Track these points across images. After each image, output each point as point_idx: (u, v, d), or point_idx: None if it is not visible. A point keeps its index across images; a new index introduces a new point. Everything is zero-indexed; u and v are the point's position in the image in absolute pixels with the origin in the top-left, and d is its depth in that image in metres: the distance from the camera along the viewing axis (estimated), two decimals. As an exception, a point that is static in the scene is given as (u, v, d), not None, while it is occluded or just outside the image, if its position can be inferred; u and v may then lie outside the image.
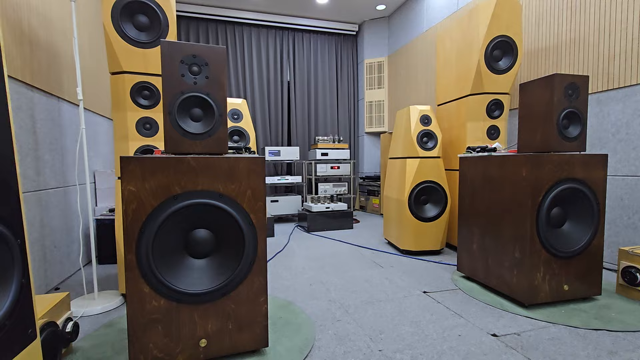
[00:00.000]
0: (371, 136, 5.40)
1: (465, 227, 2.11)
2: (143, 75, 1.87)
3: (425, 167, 2.66)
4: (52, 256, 2.06)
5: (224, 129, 1.23)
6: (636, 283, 1.75)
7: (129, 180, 1.11)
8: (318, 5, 4.69)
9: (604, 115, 2.28)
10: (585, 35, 2.36)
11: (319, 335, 1.48)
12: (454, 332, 1.48)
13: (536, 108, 1.72)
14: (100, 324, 1.62)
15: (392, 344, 1.40)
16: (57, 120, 2.17)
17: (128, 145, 1.89)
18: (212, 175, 1.20)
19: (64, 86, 2.27)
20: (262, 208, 1.27)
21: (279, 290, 2.02)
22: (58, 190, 2.15)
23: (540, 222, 1.65)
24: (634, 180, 2.13)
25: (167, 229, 1.17)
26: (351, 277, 2.23)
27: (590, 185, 1.72)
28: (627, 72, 2.14)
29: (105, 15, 1.74)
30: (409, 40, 4.58)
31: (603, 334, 1.45)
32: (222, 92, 1.22)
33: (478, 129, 2.64)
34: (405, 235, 2.70)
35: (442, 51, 2.99)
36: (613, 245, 2.25)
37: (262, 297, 1.29)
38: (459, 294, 1.92)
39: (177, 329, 1.20)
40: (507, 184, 1.78)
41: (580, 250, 1.72)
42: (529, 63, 2.80)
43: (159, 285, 1.16)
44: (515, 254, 1.73)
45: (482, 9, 2.49)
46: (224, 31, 4.84)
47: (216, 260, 1.25)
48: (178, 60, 1.15)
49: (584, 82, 1.69)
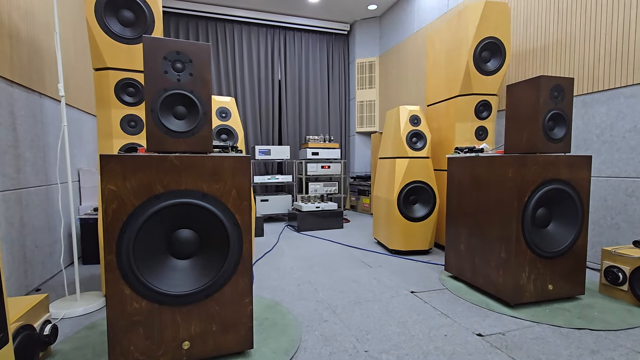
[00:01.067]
0: (362, 136, 5.41)
1: (453, 227, 2.12)
2: (128, 71, 1.83)
3: (414, 167, 2.67)
4: (33, 256, 2.01)
5: (208, 127, 1.21)
6: (618, 282, 1.78)
7: (109, 179, 1.09)
8: (310, 4, 4.67)
9: (589, 117, 2.32)
10: (572, 38, 2.39)
11: (305, 336, 1.47)
12: (440, 332, 1.49)
13: (522, 109, 1.74)
14: (81, 326, 1.58)
15: (379, 345, 1.39)
16: (39, 116, 2.12)
17: (112, 143, 1.85)
18: (196, 174, 1.18)
19: (46, 82, 2.21)
20: (247, 208, 1.25)
21: (267, 290, 2.00)
22: (40, 189, 2.09)
23: (526, 223, 1.66)
24: (617, 181, 2.16)
25: (149, 229, 1.14)
26: (340, 277, 2.22)
27: (574, 186, 1.75)
28: (611, 75, 2.18)
29: (88, 9, 1.70)
30: (400, 41, 4.60)
31: (585, 333, 1.47)
32: (206, 90, 1.19)
33: (467, 129, 2.66)
34: (394, 235, 2.71)
35: (432, 52, 3.00)
36: (597, 245, 2.29)
37: (247, 299, 1.27)
38: (446, 294, 1.92)
39: (159, 331, 1.17)
40: (494, 184, 1.79)
41: (565, 250, 1.74)
42: (517, 65, 2.83)
43: (140, 286, 1.13)
44: (501, 254, 1.74)
45: (471, 10, 2.50)
46: (215, 28, 4.79)
47: (200, 261, 1.23)
48: (161, 57, 1.13)
49: (569, 84, 1.71)
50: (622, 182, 2.13)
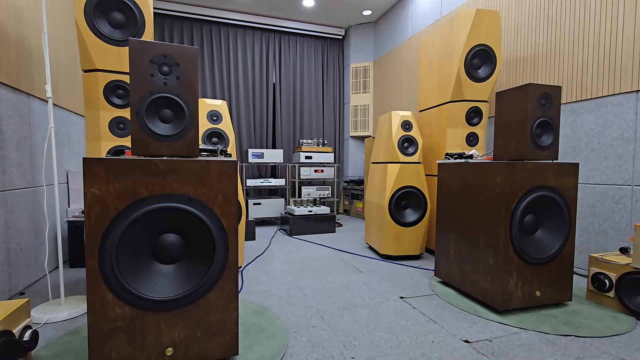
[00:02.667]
0: (356, 140, 5.42)
1: (443, 232, 2.13)
2: (117, 73, 1.81)
3: (405, 172, 2.68)
4: (18, 259, 1.97)
5: (195, 131, 1.20)
6: (605, 289, 1.79)
7: (92, 183, 1.07)
8: (305, 8, 4.69)
9: (577, 125, 2.35)
10: (561, 47, 2.43)
11: (292, 342, 1.46)
12: (428, 339, 1.49)
13: (511, 117, 1.76)
14: (64, 331, 1.55)
15: (365, 351, 1.38)
16: (27, 117, 2.09)
17: (100, 145, 1.83)
18: (182, 178, 1.17)
19: (35, 83, 2.19)
20: (234, 212, 1.24)
21: (256, 295, 1.99)
22: (26, 191, 2.06)
23: (514, 229, 1.67)
24: (604, 188, 2.19)
25: (133, 234, 1.13)
26: (329, 282, 2.21)
27: (561, 193, 1.76)
28: (599, 84, 2.21)
29: (77, 10, 1.68)
30: (394, 46, 4.63)
31: (571, 339, 1.48)
32: (193, 94, 1.19)
33: (458, 135, 2.68)
34: (385, 240, 2.71)
35: (425, 58, 3.02)
36: (585, 252, 2.31)
37: (233, 304, 1.26)
38: (435, 300, 1.92)
39: (142, 337, 1.16)
40: (482, 190, 1.80)
41: (552, 257, 1.75)
42: (507, 72, 2.86)
43: (123, 292, 1.12)
44: (490, 260, 1.75)
45: (463, 17, 2.53)
46: (210, 31, 4.78)
47: (185, 266, 1.22)
48: (147, 60, 1.12)
49: (556, 92, 1.73)
50: (610, 190, 2.16)
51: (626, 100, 2.07)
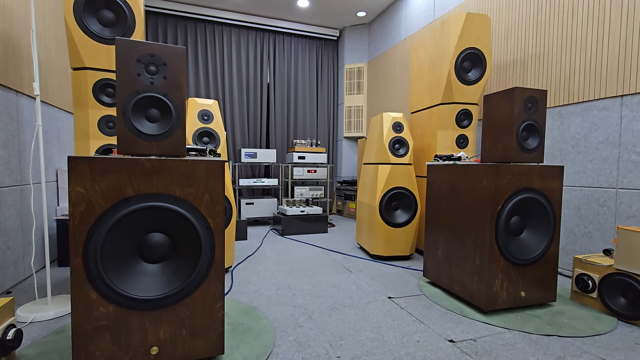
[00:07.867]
0: (350, 141, 5.44)
1: (431, 233, 2.15)
2: (107, 72, 1.81)
3: (396, 173, 2.70)
4: (5, 258, 1.95)
5: (182, 131, 1.21)
6: (588, 290, 1.83)
7: (77, 181, 1.07)
8: (299, 9, 4.70)
9: (564, 128, 2.39)
10: (549, 51, 2.46)
11: (279, 341, 1.47)
12: (413, 338, 1.50)
13: (498, 120, 1.78)
14: (50, 330, 1.54)
15: (351, 351, 1.40)
16: (15, 115, 2.07)
17: (89, 144, 1.82)
18: (168, 177, 1.17)
19: (24, 80, 2.17)
20: (221, 212, 1.25)
21: (245, 294, 1.99)
22: (14, 189, 2.04)
23: (500, 230, 1.70)
24: (590, 191, 2.23)
25: (118, 233, 1.13)
26: (319, 282, 2.22)
27: (547, 195, 1.79)
28: (585, 88, 2.25)
29: (66, 7, 1.68)
30: (387, 48, 4.66)
31: (554, 339, 1.50)
32: (180, 93, 1.19)
33: (448, 137, 2.71)
34: (375, 241, 2.73)
35: (416, 60, 3.05)
36: (571, 253, 2.34)
37: (219, 303, 1.27)
38: (423, 300, 1.94)
39: (126, 336, 1.16)
40: (470, 192, 1.82)
41: (537, 258, 1.78)
42: (497, 75, 2.89)
43: (107, 290, 1.12)
44: (476, 260, 1.77)
45: (453, 21, 2.56)
46: (204, 30, 4.77)
47: (171, 265, 1.22)
48: (134, 59, 1.12)
49: (542, 96, 1.76)
50: (595, 192, 2.20)
51: (611, 105, 2.11)
